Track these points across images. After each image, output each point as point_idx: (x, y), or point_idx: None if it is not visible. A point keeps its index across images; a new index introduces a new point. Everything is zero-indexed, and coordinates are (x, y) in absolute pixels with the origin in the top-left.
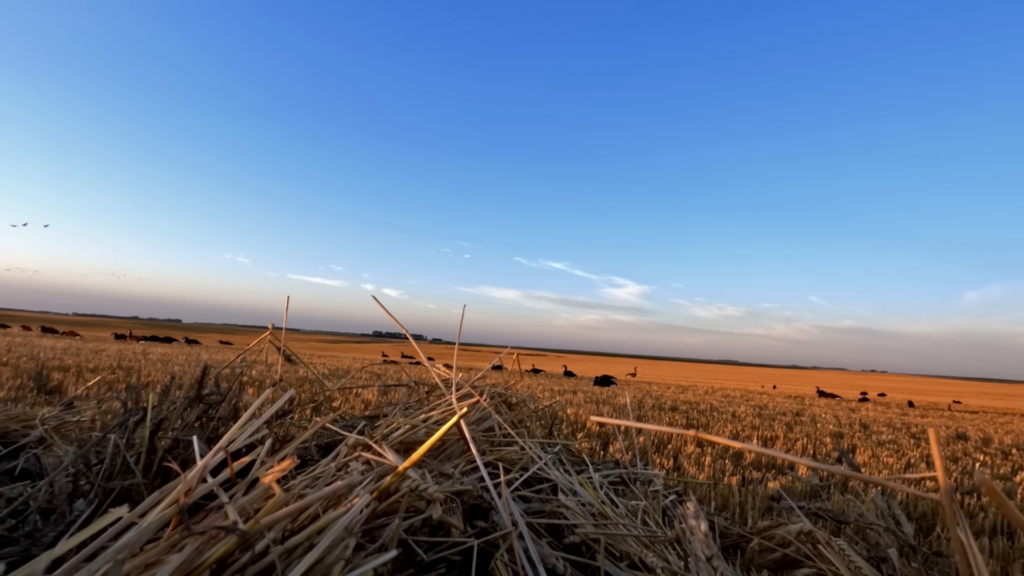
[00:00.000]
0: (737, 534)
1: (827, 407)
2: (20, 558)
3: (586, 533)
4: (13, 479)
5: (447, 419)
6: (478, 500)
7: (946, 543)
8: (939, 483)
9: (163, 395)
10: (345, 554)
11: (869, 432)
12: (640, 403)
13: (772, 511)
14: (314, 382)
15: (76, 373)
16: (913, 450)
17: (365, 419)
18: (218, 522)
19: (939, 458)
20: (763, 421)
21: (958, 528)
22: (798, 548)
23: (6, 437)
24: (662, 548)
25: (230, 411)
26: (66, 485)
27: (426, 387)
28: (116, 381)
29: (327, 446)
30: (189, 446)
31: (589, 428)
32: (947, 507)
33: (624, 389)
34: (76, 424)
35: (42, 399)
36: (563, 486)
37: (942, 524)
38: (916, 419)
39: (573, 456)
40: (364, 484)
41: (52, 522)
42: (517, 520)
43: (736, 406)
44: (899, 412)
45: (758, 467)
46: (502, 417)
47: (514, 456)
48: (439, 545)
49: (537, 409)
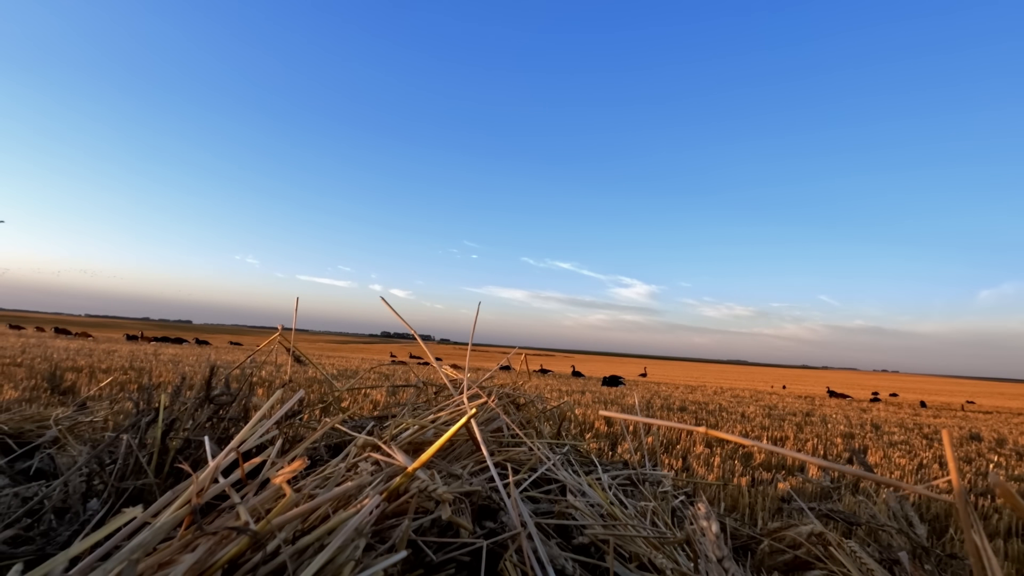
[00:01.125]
0: (747, 535)
1: (838, 407)
2: (36, 557)
3: (595, 534)
4: (28, 478)
5: (456, 420)
6: (487, 501)
7: (960, 545)
8: (953, 485)
9: (174, 396)
10: (355, 554)
11: (881, 433)
12: (649, 403)
13: (782, 512)
14: (323, 383)
15: (89, 374)
16: (925, 451)
17: (374, 420)
18: (230, 522)
19: (952, 459)
20: (773, 421)
21: (972, 531)
22: (809, 550)
23: (21, 437)
24: (671, 549)
25: (240, 412)
26: (80, 485)
27: (434, 388)
28: (128, 382)
29: (336, 446)
30: (200, 446)
31: (597, 429)
32: (961, 509)
33: (632, 389)
34: (89, 424)
35: (56, 399)
36: (572, 487)
37: (955, 526)
38: (928, 419)
39: (581, 457)
40: (374, 485)
41: (66, 521)
42: (526, 521)
43: (745, 406)
44: (911, 412)
45: (768, 468)
46: (510, 418)
47: (523, 457)
48: (448, 546)
49: (545, 410)
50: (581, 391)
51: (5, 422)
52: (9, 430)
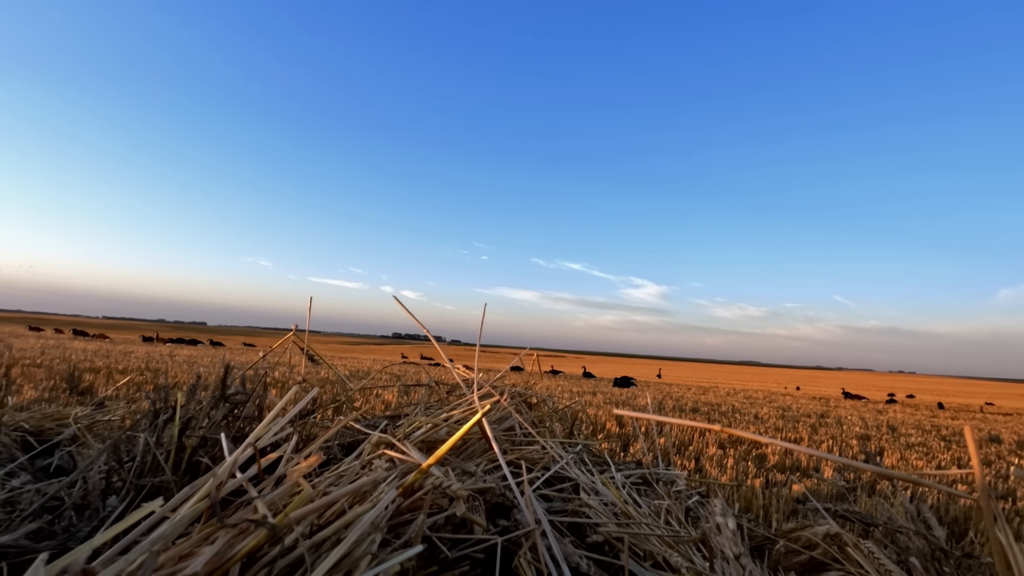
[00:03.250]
0: (762, 536)
1: (853, 409)
2: (58, 551)
3: (609, 532)
4: (48, 475)
5: (468, 418)
6: (500, 498)
7: (979, 547)
8: (975, 481)
9: (190, 395)
10: (371, 549)
11: (897, 434)
12: (660, 404)
13: (797, 513)
14: (335, 383)
15: (106, 374)
16: (944, 453)
17: (387, 419)
18: (248, 515)
19: (976, 455)
20: (787, 423)
21: (997, 529)
22: (825, 551)
23: (41, 435)
24: (687, 548)
25: (255, 411)
26: (99, 482)
27: (446, 388)
28: (144, 382)
29: (350, 445)
30: (216, 444)
31: (609, 429)
32: (984, 505)
33: (644, 390)
34: (107, 423)
35: (74, 399)
36: (585, 485)
37: (975, 529)
38: (947, 421)
39: (594, 456)
40: (389, 481)
41: (86, 518)
42: (540, 518)
43: (759, 408)
44: (928, 414)
45: (782, 470)
46: (523, 417)
47: (535, 455)
48: (462, 542)
49: (557, 409)
50: (592, 392)
51: (26, 420)
52: (30, 428)
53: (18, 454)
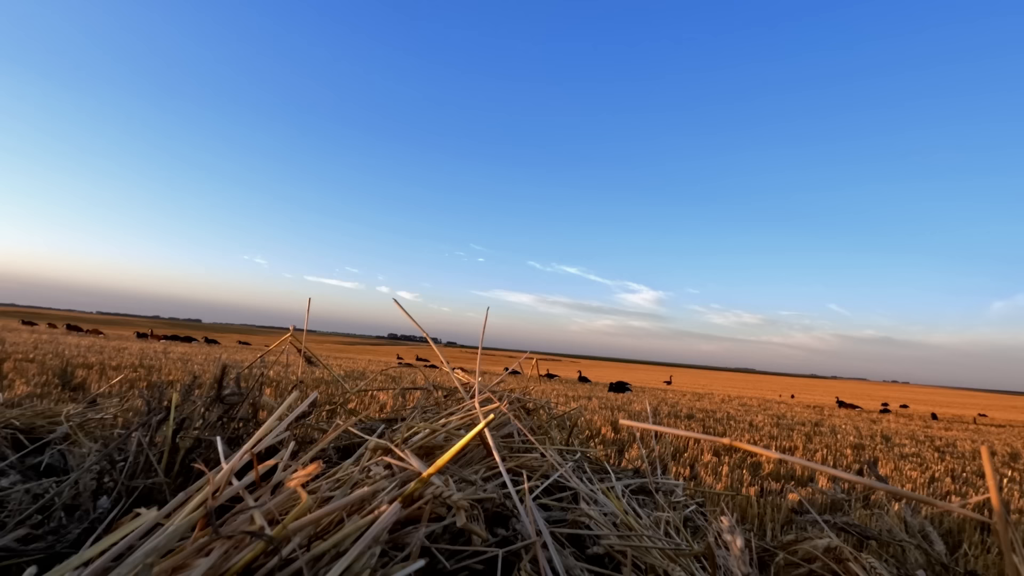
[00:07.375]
0: (759, 547)
1: (847, 418)
2: (46, 555)
3: (611, 544)
4: (39, 475)
5: (467, 424)
6: (499, 508)
7: (974, 561)
8: (993, 505)
9: (185, 394)
10: (371, 563)
11: (891, 444)
12: (656, 410)
13: (792, 524)
14: (330, 384)
15: (99, 371)
16: (937, 464)
17: (384, 422)
18: (245, 526)
19: (992, 478)
20: (781, 431)
21: (1013, 554)
22: (825, 564)
23: (32, 433)
24: (688, 562)
25: (250, 411)
26: (90, 483)
27: (444, 391)
28: (138, 379)
29: (345, 448)
30: (210, 446)
31: (604, 435)
32: (1002, 532)
33: (639, 395)
34: (100, 421)
35: (67, 396)
36: (585, 495)
37: (969, 542)
38: (940, 432)
39: (592, 464)
40: (388, 490)
41: (76, 519)
42: (542, 529)
43: (754, 415)
44: (922, 424)
45: (777, 478)
46: (521, 423)
47: (534, 463)
48: (461, 553)
49: (557, 415)
50: (588, 397)
51: (16, 418)
52: (20, 425)
53: (8, 452)
